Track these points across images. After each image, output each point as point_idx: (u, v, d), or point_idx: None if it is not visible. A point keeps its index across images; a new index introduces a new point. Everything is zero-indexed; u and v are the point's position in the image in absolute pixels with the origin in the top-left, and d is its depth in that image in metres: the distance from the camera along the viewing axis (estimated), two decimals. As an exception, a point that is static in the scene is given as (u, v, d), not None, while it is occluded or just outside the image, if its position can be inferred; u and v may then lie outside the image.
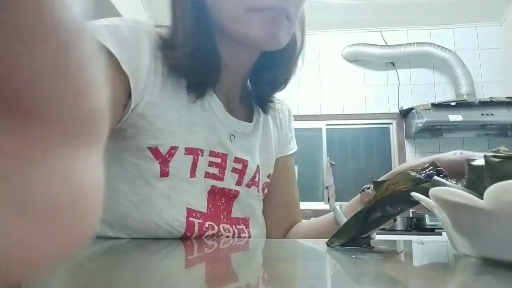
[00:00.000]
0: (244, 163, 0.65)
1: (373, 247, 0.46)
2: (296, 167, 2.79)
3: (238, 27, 0.55)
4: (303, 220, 0.77)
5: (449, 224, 0.37)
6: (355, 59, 3.30)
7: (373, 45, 3.23)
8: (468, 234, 0.36)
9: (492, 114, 2.44)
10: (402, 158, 2.78)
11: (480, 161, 0.35)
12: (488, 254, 0.35)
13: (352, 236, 0.46)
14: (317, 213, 2.78)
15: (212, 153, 0.61)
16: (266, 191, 0.71)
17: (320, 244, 0.51)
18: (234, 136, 0.64)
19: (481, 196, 0.30)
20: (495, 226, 0.32)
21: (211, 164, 0.61)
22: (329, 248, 0.47)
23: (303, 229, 0.73)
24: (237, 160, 0.64)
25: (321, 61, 3.26)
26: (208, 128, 0.61)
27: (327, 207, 2.79)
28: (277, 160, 0.75)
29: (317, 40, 3.25)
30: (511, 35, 3.03)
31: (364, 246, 0.46)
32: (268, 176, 0.71)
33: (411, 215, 2.34)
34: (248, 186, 0.67)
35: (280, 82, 0.67)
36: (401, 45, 3.20)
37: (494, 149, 0.33)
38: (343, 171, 2.90)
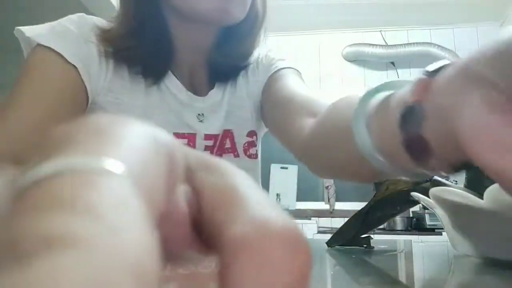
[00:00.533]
0: (216, 138, 0.62)
1: (373, 247, 0.46)
2: (296, 167, 2.71)
3: (186, 3, 0.53)
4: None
5: (449, 224, 0.37)
6: (355, 59, 3.30)
7: (373, 45, 3.23)
8: (468, 234, 0.36)
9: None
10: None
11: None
12: (488, 254, 0.35)
13: (352, 236, 0.46)
14: (317, 213, 2.78)
15: (176, 135, 0.59)
16: (254, 150, 0.65)
17: (320, 244, 0.51)
18: (203, 114, 0.61)
19: (481, 196, 0.30)
20: (495, 226, 0.31)
21: None
22: (329, 248, 0.47)
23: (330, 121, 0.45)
24: (207, 137, 0.61)
25: (321, 61, 3.27)
26: (169, 110, 0.59)
27: (327, 207, 2.79)
28: (265, 86, 0.65)
29: (317, 40, 3.25)
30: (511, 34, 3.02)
31: (364, 246, 0.46)
32: (250, 134, 0.65)
33: (411, 215, 2.34)
34: (219, 155, 0.63)
35: (240, 57, 0.63)
36: (401, 45, 3.20)
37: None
38: (343, 171, 2.91)
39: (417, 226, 2.30)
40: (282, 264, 0.10)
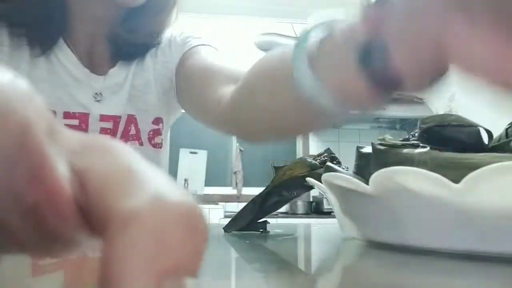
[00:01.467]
0: (116, 120, 0.57)
1: (269, 231, 0.46)
2: (205, 152, 2.70)
3: None
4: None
5: (338, 208, 0.39)
6: (268, 49, 3.37)
7: (285, 36, 3.33)
8: (355, 218, 0.38)
9: (384, 109, 2.70)
10: (305, 146, 2.95)
11: (368, 149, 0.37)
12: (371, 237, 0.37)
13: (249, 221, 0.45)
14: (225, 198, 2.80)
15: (67, 115, 0.53)
16: (159, 139, 0.60)
17: (216, 230, 0.50)
18: (101, 94, 0.56)
19: (367, 182, 0.32)
20: (379, 210, 0.33)
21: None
22: (226, 233, 0.46)
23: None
24: (105, 118, 0.56)
25: (234, 46, 3.27)
26: (59, 86, 0.53)
27: (234, 192, 2.83)
28: (178, 64, 0.60)
29: (230, 25, 3.24)
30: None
31: (260, 230, 0.46)
32: (156, 121, 0.60)
33: (311, 200, 2.48)
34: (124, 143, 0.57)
35: (148, 35, 0.58)
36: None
37: (380, 137, 0.35)
38: (251, 157, 2.98)
39: (316, 209, 2.45)
40: (174, 239, 0.10)
